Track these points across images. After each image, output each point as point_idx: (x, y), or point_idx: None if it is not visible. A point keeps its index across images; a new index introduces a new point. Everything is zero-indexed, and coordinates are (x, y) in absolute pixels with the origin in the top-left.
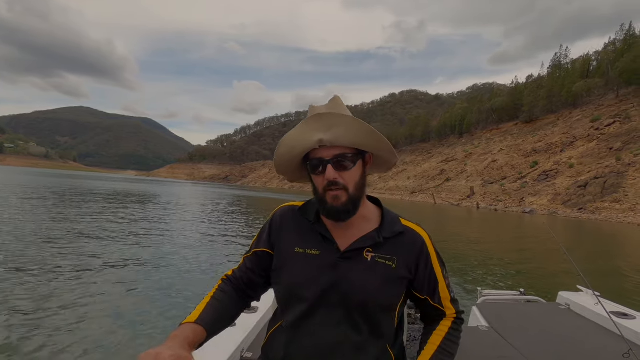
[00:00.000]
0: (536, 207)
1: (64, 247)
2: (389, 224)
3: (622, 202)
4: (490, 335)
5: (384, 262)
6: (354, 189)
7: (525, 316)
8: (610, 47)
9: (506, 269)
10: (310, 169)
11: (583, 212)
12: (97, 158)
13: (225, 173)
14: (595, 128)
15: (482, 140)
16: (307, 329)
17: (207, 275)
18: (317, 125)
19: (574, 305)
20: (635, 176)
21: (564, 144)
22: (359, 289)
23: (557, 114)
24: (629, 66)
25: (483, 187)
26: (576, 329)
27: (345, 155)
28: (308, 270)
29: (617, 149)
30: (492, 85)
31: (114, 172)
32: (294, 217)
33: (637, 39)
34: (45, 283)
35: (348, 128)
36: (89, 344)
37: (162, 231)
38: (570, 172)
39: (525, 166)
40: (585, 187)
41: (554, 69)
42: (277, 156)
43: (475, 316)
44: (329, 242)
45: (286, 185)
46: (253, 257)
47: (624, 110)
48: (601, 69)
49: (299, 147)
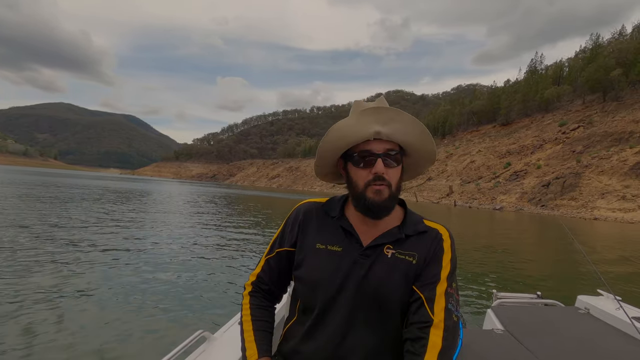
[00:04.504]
0: (505, 205)
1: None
2: (412, 223)
3: (577, 200)
4: (505, 339)
5: (404, 257)
6: (395, 186)
7: (543, 320)
8: (581, 55)
9: (473, 260)
10: (356, 161)
11: (544, 208)
12: (79, 156)
13: (213, 172)
14: (562, 132)
15: (463, 141)
16: (324, 325)
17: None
18: (375, 117)
19: (594, 309)
20: (590, 177)
21: (534, 147)
22: (379, 285)
23: (531, 118)
24: (593, 75)
25: (461, 186)
26: (596, 333)
27: (394, 152)
28: (328, 267)
29: (579, 152)
30: (476, 87)
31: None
32: (316, 214)
33: (602, 49)
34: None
35: (405, 124)
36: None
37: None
38: (537, 173)
39: (500, 167)
40: (548, 186)
41: (530, 74)
42: (325, 142)
43: (491, 319)
44: (351, 238)
45: (274, 185)
46: (276, 257)
47: (588, 115)
48: (571, 76)
49: (352, 136)
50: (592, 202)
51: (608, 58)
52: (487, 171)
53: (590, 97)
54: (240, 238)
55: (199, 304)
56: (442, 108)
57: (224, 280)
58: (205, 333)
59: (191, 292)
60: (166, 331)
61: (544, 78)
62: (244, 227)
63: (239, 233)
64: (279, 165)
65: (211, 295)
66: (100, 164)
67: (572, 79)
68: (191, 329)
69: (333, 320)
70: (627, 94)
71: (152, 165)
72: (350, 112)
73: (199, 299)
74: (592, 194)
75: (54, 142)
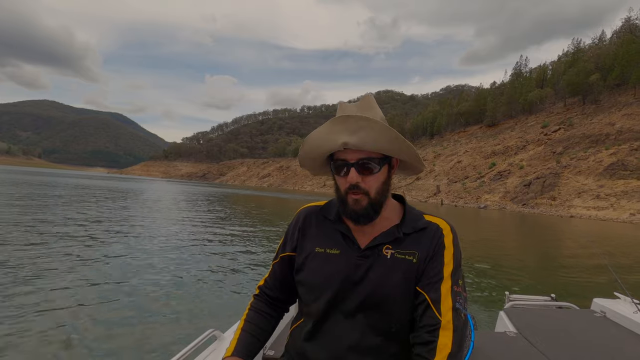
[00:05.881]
0: (489, 203)
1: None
2: (411, 220)
3: (556, 199)
4: (518, 342)
5: (404, 257)
6: (375, 193)
7: (557, 323)
8: (563, 59)
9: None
10: (334, 170)
11: (525, 207)
12: (64, 154)
13: (203, 171)
14: (544, 134)
15: (451, 142)
16: (326, 327)
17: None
18: (343, 127)
19: (611, 312)
20: (568, 177)
21: (518, 148)
22: (378, 287)
23: (516, 119)
24: (573, 79)
25: (448, 185)
26: (613, 338)
27: (371, 159)
28: (327, 270)
29: (559, 153)
30: (464, 87)
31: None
32: (316, 217)
33: (582, 53)
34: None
35: (374, 133)
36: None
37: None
38: (520, 173)
39: (485, 167)
40: (529, 185)
41: (515, 76)
42: (301, 154)
43: (503, 321)
44: (349, 241)
45: (265, 184)
46: (280, 262)
47: (569, 117)
48: (554, 79)
49: (324, 147)
50: (569, 201)
51: (587, 63)
52: (473, 171)
53: (571, 100)
54: (248, 237)
55: (210, 303)
56: (430, 109)
57: (234, 280)
58: (216, 332)
59: (201, 291)
60: (177, 330)
61: (528, 81)
62: (247, 226)
63: (245, 231)
64: (269, 164)
65: (221, 294)
66: (86, 163)
67: (554, 82)
68: (202, 327)
69: (334, 322)
70: (605, 97)
71: (141, 165)
72: (330, 119)
73: (209, 297)
74: (569, 193)
75: (37, 140)
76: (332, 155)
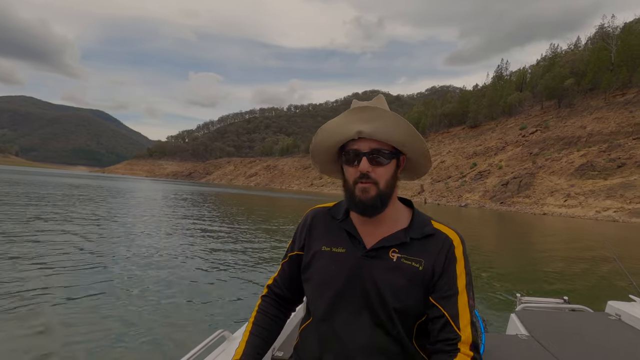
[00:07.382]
0: (470, 202)
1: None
2: (419, 225)
3: (530, 197)
4: (530, 345)
5: (410, 263)
6: (384, 185)
7: (570, 325)
8: (542, 63)
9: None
10: (345, 159)
11: (503, 205)
12: (43, 152)
13: (188, 170)
14: (522, 135)
15: (435, 142)
16: (332, 327)
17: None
18: (359, 116)
19: (626, 315)
20: (543, 176)
21: (497, 148)
22: (382, 288)
23: (497, 121)
24: (550, 83)
25: (431, 184)
26: (628, 341)
27: (382, 151)
28: (332, 269)
29: (535, 154)
30: (448, 88)
31: (62, 167)
32: (324, 218)
33: (559, 58)
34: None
35: (389, 123)
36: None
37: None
38: (499, 173)
39: (467, 167)
40: (507, 185)
41: (496, 79)
42: (315, 143)
43: (514, 324)
44: (355, 240)
45: (252, 183)
46: (289, 261)
47: (545, 120)
48: (532, 82)
49: (338, 136)
50: (543, 200)
51: (563, 68)
52: (456, 171)
53: (548, 103)
54: (257, 239)
55: (219, 304)
56: (415, 109)
57: (242, 280)
58: (225, 332)
59: (210, 291)
60: (187, 330)
61: (509, 84)
62: (252, 229)
63: (253, 235)
64: (256, 163)
65: (231, 294)
66: (66, 161)
67: (533, 85)
68: (211, 328)
69: (339, 321)
70: (579, 101)
71: (124, 163)
72: (346, 110)
73: (218, 298)
74: (543, 192)
75: (14, 137)
76: (344, 147)
